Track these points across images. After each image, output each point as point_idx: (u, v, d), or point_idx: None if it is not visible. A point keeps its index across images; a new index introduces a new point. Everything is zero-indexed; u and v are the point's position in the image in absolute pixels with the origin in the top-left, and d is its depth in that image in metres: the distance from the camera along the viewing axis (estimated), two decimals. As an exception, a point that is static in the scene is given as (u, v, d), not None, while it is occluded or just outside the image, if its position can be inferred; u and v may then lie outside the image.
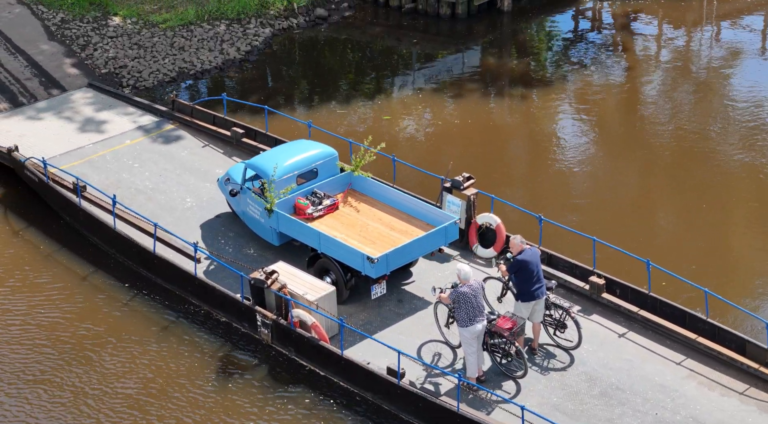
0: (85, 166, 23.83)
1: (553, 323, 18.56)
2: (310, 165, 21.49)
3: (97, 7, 31.53)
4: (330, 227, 20.64)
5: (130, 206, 22.06)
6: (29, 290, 20.89)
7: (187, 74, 29.15)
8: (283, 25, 31.84)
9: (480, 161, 25.10)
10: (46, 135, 25.11)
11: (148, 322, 20.06)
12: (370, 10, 33.20)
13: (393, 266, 19.60)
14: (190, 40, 30.51)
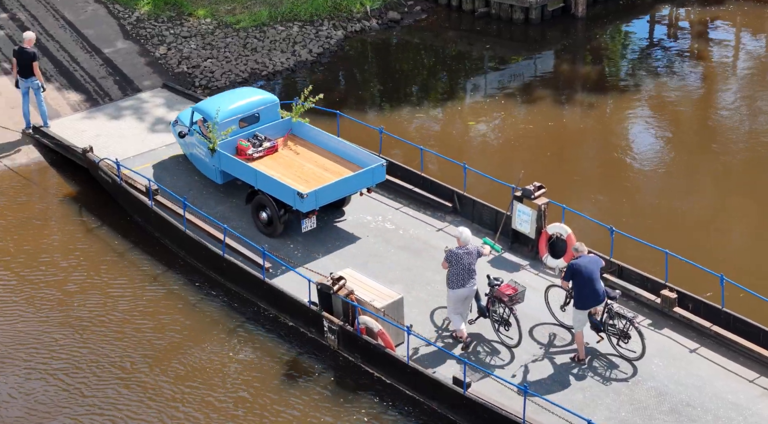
0: (158, 168, 23.99)
1: (617, 332, 18.35)
2: (252, 110, 23.29)
3: (173, 7, 31.77)
4: (268, 166, 22.37)
5: (201, 209, 22.19)
6: (100, 288, 21.10)
7: (258, 75, 29.25)
8: (355, 28, 31.84)
9: (551, 170, 24.88)
10: (121, 135, 25.33)
11: (215, 323, 20.16)
12: (442, 14, 33.08)
13: (321, 202, 21.36)
14: (262, 41, 30.62)
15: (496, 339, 19.08)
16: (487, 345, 19.04)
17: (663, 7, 33.86)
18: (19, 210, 23.58)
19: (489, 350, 18.91)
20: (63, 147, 24.80)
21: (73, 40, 29.87)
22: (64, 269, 21.63)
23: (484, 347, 18.98)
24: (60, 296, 20.86)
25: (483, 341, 19.14)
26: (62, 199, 24.03)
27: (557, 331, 19.22)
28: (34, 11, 31.06)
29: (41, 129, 25.52)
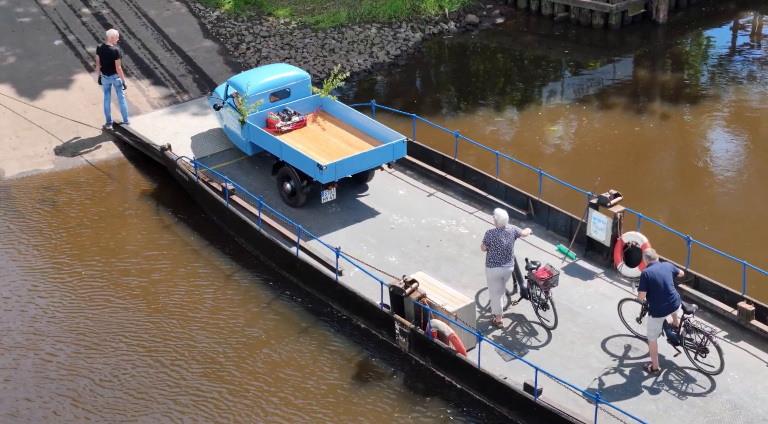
0: (234, 168, 24.18)
1: (695, 347, 18.13)
2: (282, 85, 24.42)
3: (253, 7, 32.01)
4: (295, 140, 23.41)
5: (276, 209, 22.32)
6: (174, 285, 21.31)
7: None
8: (433, 30, 31.83)
9: (628, 177, 24.65)
10: (199, 134, 25.57)
11: (287, 323, 20.26)
12: (521, 18, 32.95)
13: (341, 175, 22.29)
14: (340, 42, 30.73)
15: (536, 320, 19.59)
16: (527, 326, 19.55)
17: (747, 14, 33.42)
18: (98, 205, 23.91)
19: (528, 331, 19.40)
20: (142, 144, 25.10)
21: (155, 38, 30.23)
22: (138, 265, 21.88)
23: (524, 328, 19.47)
24: (134, 292, 21.11)
25: (523, 321, 19.68)
26: (140, 196, 24.33)
27: (632, 342, 19.02)
28: (117, 9, 31.50)
29: (121, 126, 25.87)
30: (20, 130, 26.06)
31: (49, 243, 22.53)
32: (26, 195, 24.08)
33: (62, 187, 24.40)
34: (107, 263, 21.93)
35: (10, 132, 25.96)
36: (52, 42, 29.65)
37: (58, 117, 26.52)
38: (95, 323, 20.26)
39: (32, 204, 23.78)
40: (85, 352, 19.53)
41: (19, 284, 21.26)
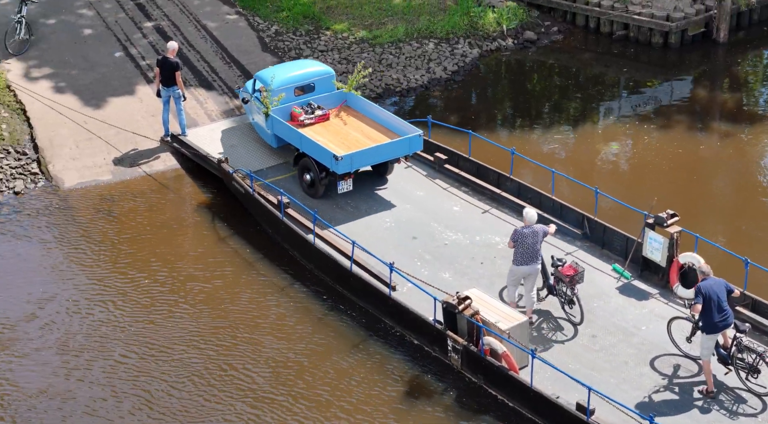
0: (289, 181, 24.29)
1: (746, 367, 17.96)
2: (307, 80, 25.37)
3: (311, 21, 32.18)
4: (317, 132, 24.26)
5: (330, 223, 22.39)
6: (229, 297, 21.43)
7: (393, 91, 29.42)
8: (491, 47, 31.81)
9: (685, 197, 24.46)
10: (255, 147, 25.73)
11: (340, 337, 20.29)
12: (579, 36, 32.84)
13: (357, 166, 23.17)
14: (398, 57, 30.80)
15: (563, 316, 20.06)
16: (553, 322, 20.02)
17: (810, 34, 33.10)
18: (155, 215, 24.12)
19: (554, 326, 19.93)
20: (199, 156, 25.30)
21: (213, 51, 30.49)
22: (193, 277, 22.03)
23: (550, 324, 19.98)
24: (197, 298, 21.26)
25: (550, 317, 20.14)
26: (196, 207, 24.51)
27: (685, 362, 18.86)
28: (177, 21, 31.81)
29: (179, 137, 26.11)
30: (80, 140, 26.38)
31: (106, 252, 22.76)
32: (85, 205, 24.35)
33: (120, 197, 24.66)
34: (165, 271, 22.10)
35: (70, 142, 26.29)
36: (113, 54, 30.00)
37: (117, 128, 26.82)
38: (161, 328, 20.47)
39: (90, 214, 24.04)
40: (157, 355, 19.73)
41: (80, 291, 21.49)
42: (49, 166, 25.49)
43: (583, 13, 32.93)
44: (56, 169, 25.43)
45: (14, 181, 24.96)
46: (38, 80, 28.55)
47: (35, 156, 25.85)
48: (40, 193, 24.71)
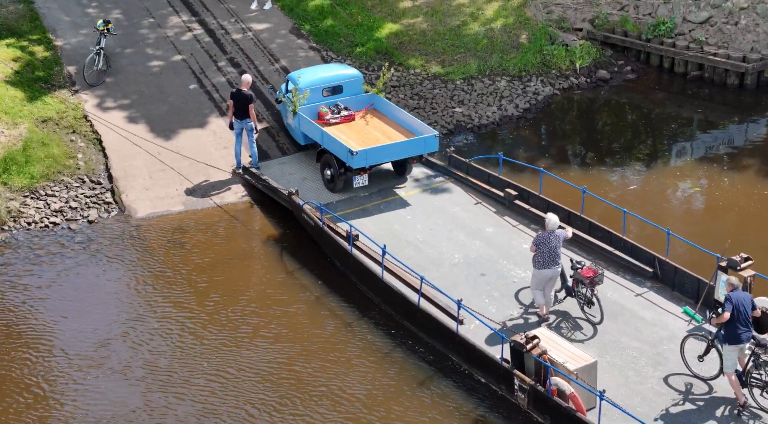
0: (359, 214, 24.37)
1: (762, 384, 18.17)
2: (335, 81, 26.94)
3: (384, 56, 32.33)
4: (340, 131, 25.77)
5: (399, 257, 22.39)
6: (295, 333, 21.46)
7: (464, 128, 29.43)
8: (563, 85, 31.72)
9: (760, 240, 24.09)
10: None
11: (406, 373, 20.22)
12: (653, 75, 32.63)
13: (371, 162, 24.58)
14: (470, 93, 30.82)
15: (581, 316, 20.82)
16: (571, 321, 20.79)
17: None
18: (224, 247, 24.29)
19: (572, 325, 20.68)
20: (270, 188, 25.48)
21: (286, 85, 30.73)
22: (260, 310, 22.12)
23: (568, 323, 20.74)
24: (251, 337, 21.30)
25: (568, 317, 20.90)
26: (265, 240, 24.65)
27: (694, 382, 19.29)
28: (251, 55, 32.13)
29: (250, 170, 26.32)
30: (154, 171, 26.71)
31: (175, 282, 22.95)
32: (157, 234, 24.61)
33: (191, 228, 24.89)
34: (233, 304, 22.21)
35: (144, 173, 26.62)
36: (187, 86, 30.37)
37: (190, 159, 27.12)
38: (226, 358, 20.56)
39: (162, 244, 24.28)
40: (222, 385, 19.85)
41: (150, 320, 21.67)
42: (123, 195, 25.83)
43: (657, 53, 32.73)
44: (129, 199, 25.76)
45: (88, 210, 25.32)
46: (114, 111, 28.99)
47: (109, 186, 26.21)
48: (114, 222, 25.04)
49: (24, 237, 24.35)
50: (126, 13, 33.90)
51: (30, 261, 23.52)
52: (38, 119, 27.84)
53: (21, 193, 25.46)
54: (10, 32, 31.91)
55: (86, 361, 20.48)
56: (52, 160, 26.36)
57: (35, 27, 32.52)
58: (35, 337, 21.18)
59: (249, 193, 26.17)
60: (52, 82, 29.84)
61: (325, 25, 33.50)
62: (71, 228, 24.73)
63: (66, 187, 25.91)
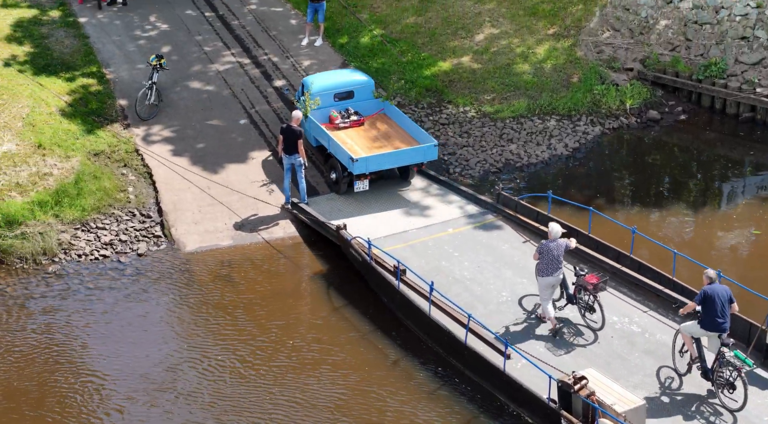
0: (407, 250, 24.36)
1: (725, 382, 19.20)
2: (346, 87, 28.26)
3: (433, 94, 32.39)
4: (348, 136, 27.23)
5: (446, 294, 22.32)
6: (341, 369, 21.42)
7: (513, 167, 29.36)
8: (613, 125, 31.58)
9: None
10: (374, 216, 25.91)
11: (452, 412, 20.12)
12: (704, 116, 32.41)
13: (372, 168, 25.96)
14: (519, 132, 30.77)
15: (582, 323, 21.65)
16: (574, 328, 21.56)
17: None
18: (272, 282, 24.34)
19: (574, 331, 21.45)
20: (318, 223, 25.54)
21: (336, 121, 30.86)
22: (305, 346, 22.10)
23: (570, 329, 21.53)
24: (297, 373, 21.28)
25: (570, 324, 21.71)
26: (313, 275, 24.67)
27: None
28: (301, 91, 32.30)
29: (299, 205, 26.41)
30: (203, 205, 26.86)
31: (223, 317, 23.02)
32: (205, 268, 24.71)
33: (239, 262, 24.97)
34: (278, 339, 22.23)
35: (193, 207, 26.79)
36: (238, 121, 30.58)
37: (239, 194, 27.26)
38: (269, 393, 20.61)
39: (210, 278, 24.38)
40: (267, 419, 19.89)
41: (197, 353, 21.75)
42: (172, 229, 25.99)
43: (708, 94, 32.53)
44: (179, 232, 25.90)
45: (138, 243, 25.49)
46: (165, 145, 29.24)
47: (159, 219, 26.39)
48: (162, 255, 25.18)
49: (74, 269, 24.55)
50: (177, 48, 34.25)
51: (80, 293, 23.71)
52: (91, 152, 28.14)
53: (72, 225, 25.69)
54: (65, 66, 32.32)
55: (140, 392, 20.56)
56: (103, 193, 26.61)
57: (89, 61, 32.92)
58: (88, 368, 21.36)
59: (297, 228, 26.23)
60: (104, 116, 30.17)
61: (376, 63, 33.63)
62: (121, 261, 24.91)
63: (116, 220, 26.13)
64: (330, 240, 25.23)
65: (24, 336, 22.29)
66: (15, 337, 22.26)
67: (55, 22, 35.15)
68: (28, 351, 21.84)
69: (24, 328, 22.53)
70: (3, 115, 28.58)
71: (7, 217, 25.02)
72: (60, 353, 21.80)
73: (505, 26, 34.75)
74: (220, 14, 37.13)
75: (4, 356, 21.68)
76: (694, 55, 33.11)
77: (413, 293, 22.39)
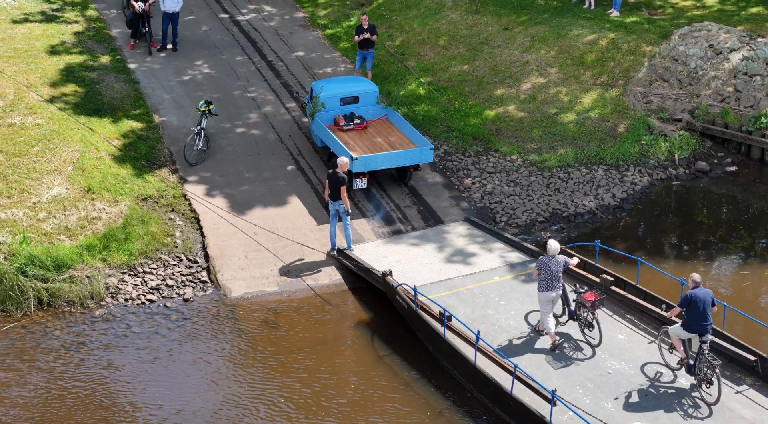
0: (453, 298, 24.25)
1: (704, 377, 20.46)
2: (351, 93, 30.57)
3: (480, 142, 32.39)
4: (350, 137, 29.61)
5: (492, 343, 22.17)
6: (383, 417, 21.27)
7: (559, 216, 29.22)
8: (661, 176, 31.38)
9: None
10: (420, 263, 25.85)
11: (497, 463, 19.96)
12: (754, 168, 32.13)
13: (370, 167, 28.10)
14: (566, 182, 30.65)
15: (581, 339, 22.61)
16: (573, 343, 22.52)
17: None
18: (317, 329, 24.29)
19: (574, 347, 22.37)
20: (363, 270, 25.50)
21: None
22: (348, 395, 21.99)
23: (570, 344, 22.45)
24: (340, 421, 21.17)
25: (570, 339, 22.66)
26: (357, 323, 24.60)
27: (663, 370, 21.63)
28: (348, 138, 32.40)
29: (345, 251, 26.40)
30: (249, 251, 26.92)
31: (267, 364, 22.98)
32: (250, 315, 24.72)
33: (284, 309, 24.96)
34: (322, 388, 22.14)
35: (240, 253, 26.85)
36: (285, 167, 30.70)
37: (285, 240, 27.30)
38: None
39: (255, 324, 24.37)
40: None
41: (242, 401, 21.71)
42: (219, 275, 26.06)
43: (758, 146, 32.27)
44: (225, 278, 25.96)
45: (184, 288, 25.57)
46: (212, 190, 29.39)
47: (205, 264, 26.48)
48: (208, 301, 25.23)
49: (121, 313, 24.65)
50: (226, 94, 34.52)
51: (126, 338, 23.77)
52: (139, 197, 28.34)
53: (119, 269, 25.82)
54: (115, 111, 32.67)
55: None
56: (150, 237, 26.75)
57: (139, 106, 33.26)
58: (132, 414, 21.38)
59: (343, 276, 26.21)
60: (153, 161, 30.41)
61: (422, 110, 33.72)
62: (167, 306, 24.98)
63: (163, 265, 26.24)
64: (376, 287, 25.18)
65: (71, 380, 22.35)
66: (63, 381, 22.33)
67: (106, 67, 35.58)
68: (75, 396, 21.88)
69: (71, 372, 22.60)
70: (54, 159, 28.89)
71: (56, 260, 25.19)
72: (106, 396, 21.83)
73: (553, 75, 34.75)
74: (268, 60, 37.41)
75: (52, 400, 21.74)
76: (744, 107, 32.90)
77: (459, 341, 22.27)
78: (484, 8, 38.16)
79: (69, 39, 37.46)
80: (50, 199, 27.30)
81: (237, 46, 38.31)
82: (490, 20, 37.52)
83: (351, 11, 40.48)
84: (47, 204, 27.15)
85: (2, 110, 30.96)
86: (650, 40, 34.88)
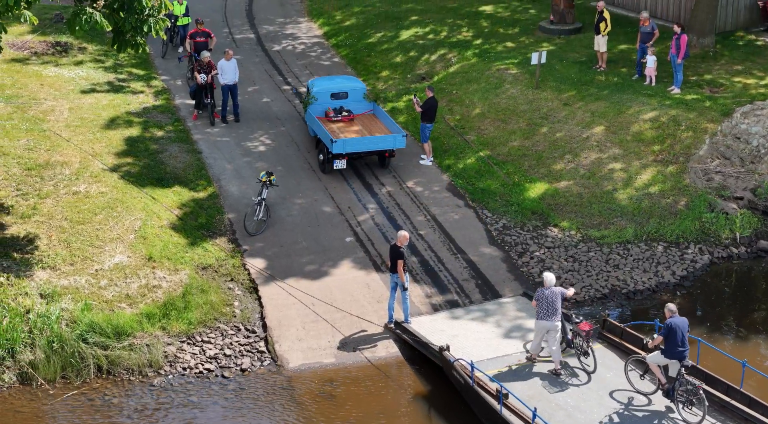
0: (510, 374, 24.11)
1: (685, 399, 21.80)
2: (341, 89, 35.15)
3: (538, 217, 32.37)
4: (338, 127, 34.02)
5: (549, 421, 21.97)
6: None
7: (618, 292, 29.04)
8: (722, 254, 31.11)
9: None
10: (477, 338, 25.77)
11: None
12: (817, 246, 31.78)
13: (349, 149, 32.64)
14: (625, 258, 30.49)
15: (578, 365, 23.98)
16: (569, 370, 23.94)
17: None
18: (373, 403, 24.24)
19: (570, 373, 23.76)
20: (420, 344, 25.47)
21: (441, 241, 30.94)
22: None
23: (567, 370, 23.89)
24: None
25: (567, 367, 24.05)
26: (414, 397, 24.52)
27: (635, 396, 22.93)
28: (407, 210, 32.52)
29: (402, 324, 26.40)
30: (307, 322, 27.01)
31: (323, 435, 22.97)
32: (306, 386, 24.74)
33: (341, 382, 24.95)
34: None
35: (297, 323, 26.95)
36: (343, 239, 30.86)
37: (343, 312, 27.37)
38: None
39: (311, 396, 24.37)
40: None
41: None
42: (276, 345, 26.15)
43: (820, 225, 31.99)
44: (282, 348, 26.05)
45: (242, 358, 25.68)
46: (272, 260, 29.60)
47: (263, 335, 26.59)
48: (265, 372, 25.29)
49: (179, 382, 24.78)
50: (287, 165, 34.85)
51: (184, 407, 23.87)
52: (199, 266, 28.60)
53: (178, 338, 26.01)
54: (177, 180, 33.10)
55: None
56: (209, 307, 26.95)
57: (201, 176, 33.68)
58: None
59: (400, 349, 26.19)
60: (213, 230, 30.72)
61: (482, 184, 33.81)
62: (225, 376, 25.08)
63: (221, 335, 26.40)
64: (432, 361, 25.11)
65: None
66: (118, 448, 22.45)
67: (169, 137, 36.11)
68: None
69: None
70: (116, 227, 29.30)
71: (116, 328, 25.45)
72: (161, 466, 21.91)
73: (612, 151, 34.72)
74: (329, 133, 37.81)
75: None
76: (806, 185, 32.64)
77: (516, 418, 22.10)
78: (544, 84, 38.30)
79: (134, 109, 38.13)
80: (112, 266, 27.64)
81: (298, 119, 38.73)
82: (551, 95, 37.65)
83: (411, 85, 40.80)
84: (109, 272, 27.49)
85: (68, 178, 31.51)
86: (711, 117, 34.79)
